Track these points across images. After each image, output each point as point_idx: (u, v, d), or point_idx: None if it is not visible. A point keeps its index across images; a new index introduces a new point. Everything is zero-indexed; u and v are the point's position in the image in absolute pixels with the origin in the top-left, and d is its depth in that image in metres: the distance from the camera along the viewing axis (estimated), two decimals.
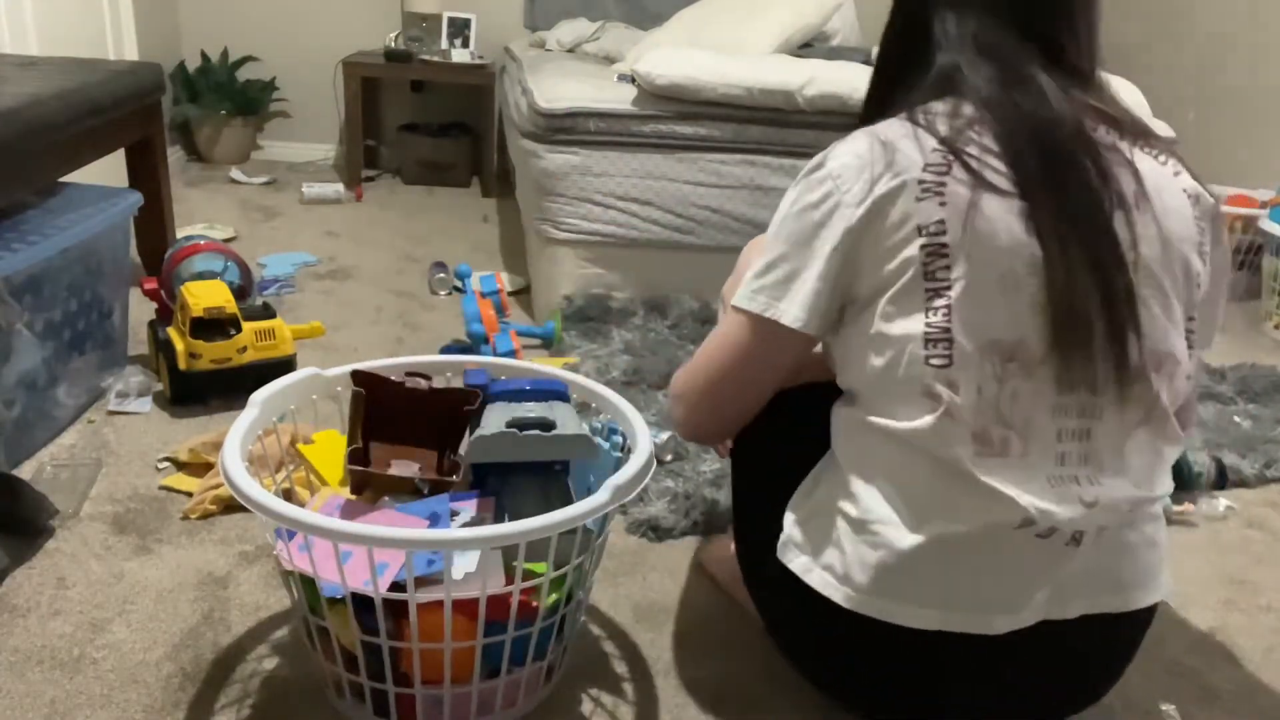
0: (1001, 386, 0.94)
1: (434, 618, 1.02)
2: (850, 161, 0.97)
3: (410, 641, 1.04)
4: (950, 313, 0.93)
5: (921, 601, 0.99)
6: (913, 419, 0.95)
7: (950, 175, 0.94)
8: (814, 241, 0.98)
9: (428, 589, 1.02)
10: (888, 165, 0.95)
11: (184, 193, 3.45)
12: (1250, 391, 2.28)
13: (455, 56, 3.83)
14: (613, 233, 2.47)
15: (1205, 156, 3.25)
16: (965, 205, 0.93)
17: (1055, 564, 0.98)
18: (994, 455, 0.94)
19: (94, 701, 1.17)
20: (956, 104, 0.98)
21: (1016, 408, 0.94)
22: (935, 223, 0.93)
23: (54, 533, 1.48)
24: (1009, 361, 0.93)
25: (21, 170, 1.81)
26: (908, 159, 0.95)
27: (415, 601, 1.01)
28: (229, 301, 1.88)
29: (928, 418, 0.94)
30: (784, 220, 1.02)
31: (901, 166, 0.95)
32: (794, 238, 1.00)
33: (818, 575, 1.04)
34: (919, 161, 0.95)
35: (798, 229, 1.00)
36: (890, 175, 0.95)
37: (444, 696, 1.09)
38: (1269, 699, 1.32)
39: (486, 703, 1.12)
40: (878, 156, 0.96)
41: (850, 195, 0.96)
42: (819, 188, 0.98)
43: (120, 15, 3.10)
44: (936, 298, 0.93)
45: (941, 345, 0.93)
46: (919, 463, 0.96)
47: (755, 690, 1.27)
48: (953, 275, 0.93)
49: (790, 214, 1.01)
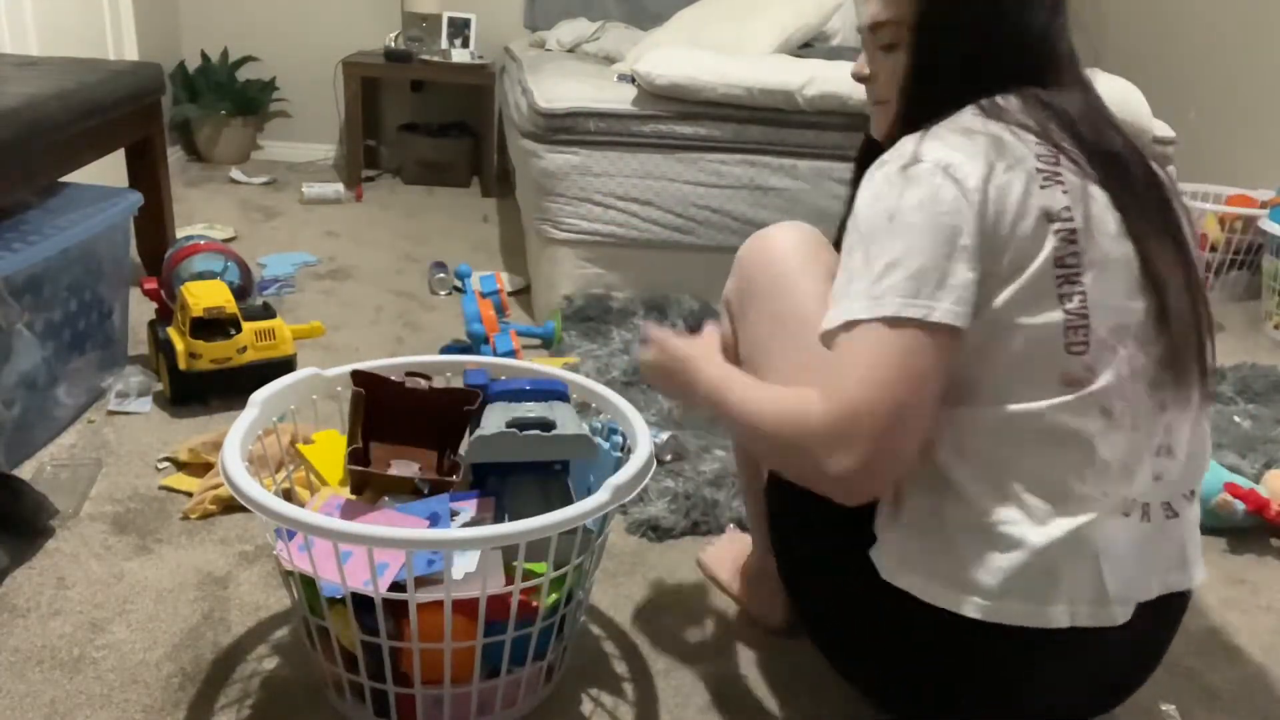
0: (1127, 367, 0.96)
1: (434, 618, 1.02)
2: (958, 155, 0.93)
3: (410, 641, 1.04)
4: (1085, 299, 0.95)
5: (1050, 599, 0.97)
6: (1050, 398, 0.95)
7: (1060, 165, 0.95)
8: (941, 233, 0.92)
9: (427, 589, 1.02)
10: (999, 154, 0.94)
11: (184, 193, 3.45)
12: (1250, 391, 2.28)
13: (455, 56, 3.83)
14: (613, 233, 2.47)
15: (1205, 156, 3.26)
16: (1082, 193, 0.95)
17: (1152, 544, 1.00)
18: (1118, 430, 0.96)
19: (94, 701, 1.17)
20: (1021, 98, 0.98)
21: (1134, 387, 0.97)
22: (1063, 209, 0.94)
23: (54, 533, 1.48)
24: (1131, 342, 0.96)
25: (21, 170, 1.81)
26: (1019, 148, 0.95)
27: (415, 601, 1.01)
28: (229, 301, 1.88)
29: (1067, 397, 0.95)
30: (894, 217, 0.93)
31: (1017, 155, 0.94)
32: (917, 232, 0.92)
33: (938, 591, 0.99)
34: (1029, 151, 0.95)
35: (919, 222, 0.92)
36: (1006, 164, 0.94)
37: (444, 696, 1.09)
38: (1269, 699, 1.32)
39: (486, 703, 1.12)
40: (987, 146, 0.94)
41: (972, 183, 0.92)
42: (928, 179, 0.93)
43: (120, 15, 3.10)
44: (1069, 284, 0.94)
45: (1081, 332, 0.94)
46: (1047, 448, 0.96)
47: (755, 690, 1.27)
48: (1083, 262, 0.94)
49: (902, 208, 0.93)
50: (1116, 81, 2.65)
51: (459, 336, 2.31)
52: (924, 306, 0.91)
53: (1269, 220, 2.81)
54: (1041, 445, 0.96)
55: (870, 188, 0.96)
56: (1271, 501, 1.68)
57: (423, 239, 3.18)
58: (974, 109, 0.98)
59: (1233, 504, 1.67)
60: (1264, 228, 2.82)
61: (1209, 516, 1.68)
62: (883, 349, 0.92)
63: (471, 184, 3.98)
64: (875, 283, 0.93)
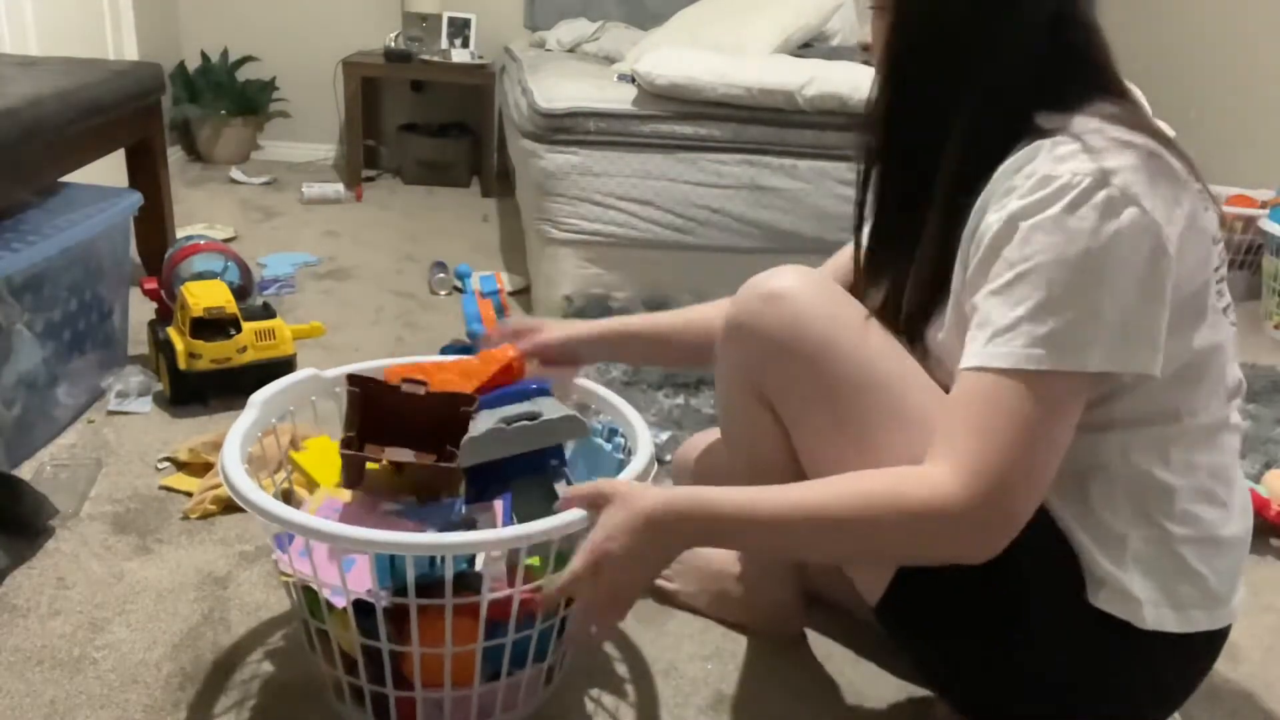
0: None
1: (435, 621, 1.02)
2: (1140, 178, 0.83)
3: (410, 645, 1.04)
4: (1229, 310, 0.95)
5: (1227, 600, 0.97)
6: (1227, 401, 0.97)
7: (1194, 178, 0.89)
8: (1139, 275, 0.83)
9: (428, 597, 1.02)
10: (1170, 180, 0.85)
11: (184, 193, 3.45)
12: (1250, 391, 2.28)
13: (455, 56, 3.83)
14: (613, 233, 2.48)
15: (1205, 156, 3.25)
16: (1212, 204, 0.92)
17: None
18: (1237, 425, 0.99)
19: (94, 701, 1.17)
20: (1118, 103, 0.91)
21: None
22: (1216, 227, 0.92)
23: (54, 533, 1.48)
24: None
25: (21, 170, 1.81)
26: (1176, 167, 0.86)
27: (416, 605, 1.01)
28: (229, 301, 1.88)
29: (1236, 400, 0.98)
30: (1092, 258, 0.82)
31: (1182, 177, 0.86)
32: (1120, 277, 0.82)
33: (1194, 617, 0.94)
34: (1182, 168, 0.87)
35: (1117, 264, 0.82)
36: (1178, 189, 0.86)
37: (444, 700, 1.09)
38: (1269, 699, 1.32)
39: (487, 706, 1.12)
40: (1160, 168, 0.85)
41: (1159, 215, 0.83)
42: (1118, 212, 0.82)
43: (120, 15, 3.10)
44: (1222, 298, 0.94)
45: (1234, 346, 0.96)
46: (1225, 446, 0.97)
47: (755, 690, 1.27)
48: (1222, 273, 0.94)
49: (1094, 249, 0.82)
50: None
51: (459, 336, 2.31)
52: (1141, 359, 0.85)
53: (1269, 220, 2.81)
54: (1223, 445, 0.96)
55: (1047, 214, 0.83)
56: (1271, 501, 1.68)
57: (423, 239, 3.18)
58: (1081, 116, 0.87)
59: None
60: (1264, 228, 2.82)
61: None
62: (1053, 407, 0.84)
63: (471, 184, 3.98)
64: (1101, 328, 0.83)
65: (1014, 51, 0.89)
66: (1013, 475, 0.82)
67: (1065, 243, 0.82)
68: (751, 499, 0.91)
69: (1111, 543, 0.93)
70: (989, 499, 0.82)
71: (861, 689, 1.27)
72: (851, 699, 1.25)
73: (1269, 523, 1.69)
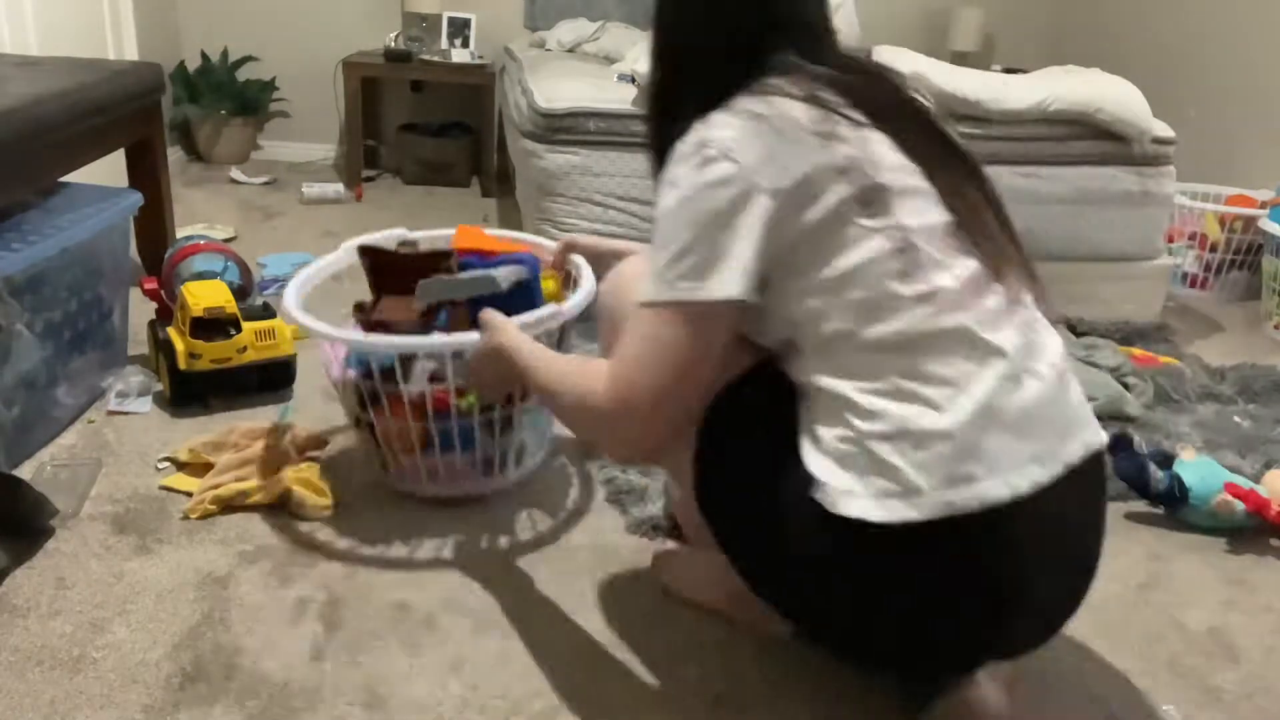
0: (958, 274, 1.09)
1: (394, 405, 1.54)
2: (735, 136, 1.07)
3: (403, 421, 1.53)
4: (899, 224, 1.08)
5: (981, 476, 0.99)
6: (905, 311, 1.05)
7: (836, 121, 1.07)
8: (725, 214, 1.06)
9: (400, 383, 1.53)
10: (774, 137, 1.06)
11: (184, 193, 3.45)
12: (1250, 391, 2.28)
13: (455, 56, 3.83)
14: (613, 233, 2.47)
15: (1205, 156, 3.26)
16: (862, 141, 1.07)
17: (1055, 405, 1.08)
18: (976, 317, 1.08)
19: (94, 701, 1.17)
20: (797, 76, 1.10)
21: (971, 286, 1.09)
22: (844, 161, 1.05)
23: (54, 533, 1.48)
24: (951, 253, 1.10)
25: (21, 170, 1.81)
26: (783, 127, 1.06)
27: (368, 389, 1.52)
28: (229, 301, 1.88)
29: (926, 308, 1.05)
30: (688, 204, 1.08)
31: (790, 135, 1.07)
32: (710, 218, 1.07)
33: (891, 505, 1.00)
34: (804, 115, 1.07)
35: (707, 207, 1.08)
36: (783, 144, 1.06)
37: (408, 465, 1.57)
38: (1269, 699, 1.32)
39: (432, 472, 1.58)
40: (760, 129, 1.05)
41: (748, 165, 1.05)
42: (711, 164, 1.06)
43: (120, 15, 3.10)
44: (879, 217, 1.08)
45: (907, 254, 1.07)
46: (919, 348, 1.03)
47: (755, 690, 1.27)
48: (886, 196, 1.08)
49: (688, 196, 1.07)
50: (1117, 81, 2.65)
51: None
52: (697, 287, 1.02)
53: (1269, 220, 2.81)
54: (914, 348, 1.02)
55: (666, 173, 1.08)
56: (1271, 501, 1.68)
57: None
58: (746, 93, 1.07)
59: (1233, 504, 1.67)
60: (1264, 228, 2.82)
61: (1209, 517, 1.68)
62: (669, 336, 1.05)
63: (471, 184, 3.98)
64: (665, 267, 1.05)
65: (705, 56, 1.16)
66: (638, 385, 1.05)
67: (669, 193, 1.06)
68: (539, 359, 1.24)
69: (818, 443, 1.06)
70: (620, 400, 1.06)
71: (862, 688, 1.27)
72: (851, 698, 1.25)
73: (1269, 522, 1.68)
